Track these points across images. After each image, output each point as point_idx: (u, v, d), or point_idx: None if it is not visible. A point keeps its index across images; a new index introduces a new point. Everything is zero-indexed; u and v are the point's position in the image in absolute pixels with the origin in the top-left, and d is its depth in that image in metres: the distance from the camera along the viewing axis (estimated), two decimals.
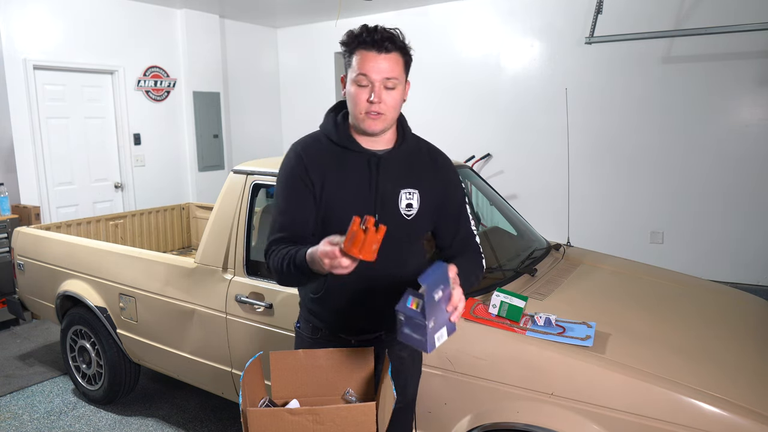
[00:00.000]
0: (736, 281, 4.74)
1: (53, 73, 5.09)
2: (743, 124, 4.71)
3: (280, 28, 7.27)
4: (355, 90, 1.46)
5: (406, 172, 1.56)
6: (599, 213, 5.37)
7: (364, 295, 1.55)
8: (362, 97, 1.45)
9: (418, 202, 1.55)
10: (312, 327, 1.65)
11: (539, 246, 2.67)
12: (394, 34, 1.45)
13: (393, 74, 1.44)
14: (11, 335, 4.31)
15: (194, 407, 3.16)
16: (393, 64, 1.44)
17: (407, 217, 1.54)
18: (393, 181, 1.54)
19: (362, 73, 1.43)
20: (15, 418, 3.08)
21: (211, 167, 6.48)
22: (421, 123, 6.32)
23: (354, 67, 1.46)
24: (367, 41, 1.43)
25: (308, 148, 1.57)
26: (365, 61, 1.43)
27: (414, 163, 1.59)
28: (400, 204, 1.54)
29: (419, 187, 1.56)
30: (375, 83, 1.43)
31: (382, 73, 1.43)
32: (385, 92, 1.45)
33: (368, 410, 1.39)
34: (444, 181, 1.63)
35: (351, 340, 1.63)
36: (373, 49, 1.43)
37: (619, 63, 5.11)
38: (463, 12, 5.88)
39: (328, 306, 1.59)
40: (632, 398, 1.59)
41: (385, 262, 1.43)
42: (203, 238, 2.57)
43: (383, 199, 1.52)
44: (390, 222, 1.44)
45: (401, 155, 1.57)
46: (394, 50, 1.44)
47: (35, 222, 4.61)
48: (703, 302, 2.27)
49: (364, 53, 1.44)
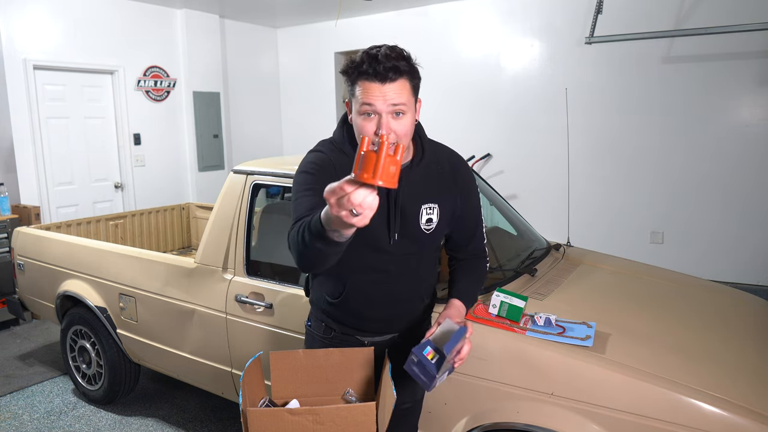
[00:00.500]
0: (736, 281, 4.74)
1: (53, 73, 5.09)
2: (743, 124, 4.71)
3: (280, 28, 7.27)
4: (361, 122, 1.35)
5: (425, 186, 1.51)
6: (599, 213, 5.37)
7: (382, 302, 1.56)
8: (369, 129, 1.34)
9: (437, 216, 1.52)
10: (325, 327, 1.64)
11: (539, 246, 2.67)
12: (397, 62, 1.33)
13: (400, 100, 1.34)
14: (11, 335, 4.31)
15: (194, 407, 3.16)
16: (399, 90, 1.34)
17: (427, 231, 1.52)
18: (413, 196, 1.49)
19: (366, 102, 1.33)
20: (15, 418, 3.08)
21: (211, 167, 6.48)
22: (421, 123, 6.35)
23: (358, 97, 1.35)
24: (369, 72, 1.32)
25: (330, 155, 1.48)
26: (369, 92, 1.33)
27: (433, 176, 1.53)
28: (420, 220, 1.50)
29: (439, 201, 1.52)
30: (381, 113, 1.33)
31: (388, 101, 1.33)
32: (394, 121, 1.34)
33: (368, 410, 1.39)
34: (464, 191, 1.59)
35: (365, 341, 1.63)
36: (377, 80, 1.32)
37: (619, 63, 5.11)
38: (463, 12, 5.88)
39: (345, 310, 1.59)
40: (632, 398, 1.59)
41: (403, 272, 1.52)
42: (203, 238, 2.57)
43: (403, 216, 1.48)
44: (409, 237, 1.48)
45: (421, 169, 1.51)
46: (400, 77, 1.34)
47: (35, 222, 4.61)
48: (703, 302, 2.27)
49: (366, 84, 1.33)
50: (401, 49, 1.38)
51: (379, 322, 1.61)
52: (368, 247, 1.47)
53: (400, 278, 1.55)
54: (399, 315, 1.61)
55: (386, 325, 1.62)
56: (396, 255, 1.50)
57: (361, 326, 1.61)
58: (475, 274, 1.66)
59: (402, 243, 1.49)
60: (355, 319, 1.60)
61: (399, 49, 1.38)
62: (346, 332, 1.62)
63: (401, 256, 1.51)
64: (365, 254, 1.48)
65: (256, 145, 7.03)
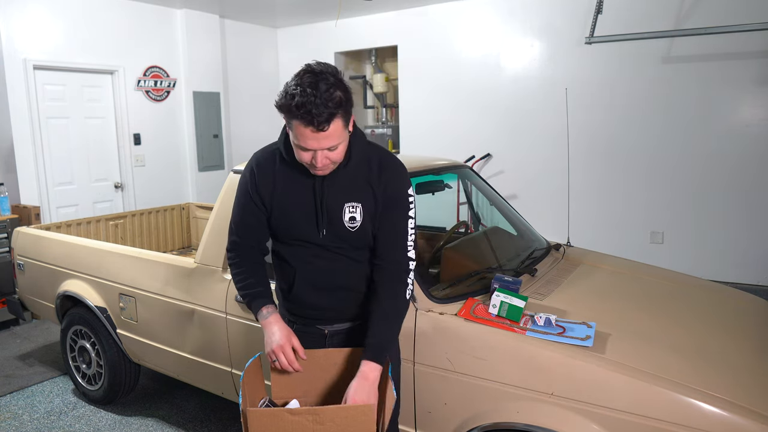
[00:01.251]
0: (736, 281, 4.74)
1: (53, 73, 5.09)
2: (743, 124, 4.71)
3: (280, 28, 7.27)
4: (299, 152, 1.47)
5: (350, 186, 1.60)
6: (599, 213, 5.37)
7: (326, 290, 1.67)
8: (305, 158, 1.47)
9: (361, 215, 1.60)
10: (288, 319, 1.73)
11: (539, 246, 2.67)
12: (333, 110, 1.36)
13: (334, 143, 1.43)
14: (11, 335, 4.32)
15: (194, 407, 3.16)
16: (333, 133, 1.40)
17: (351, 229, 1.60)
18: (337, 195, 1.59)
19: (301, 145, 1.44)
20: (15, 418, 3.08)
21: (211, 167, 6.48)
22: (421, 123, 6.36)
23: (294, 133, 1.43)
24: (305, 119, 1.37)
25: (262, 164, 1.64)
26: (304, 137, 1.41)
27: (359, 176, 1.60)
28: (344, 218, 1.59)
29: (362, 200, 1.60)
30: (317, 152, 1.44)
31: (323, 145, 1.42)
32: (329, 153, 1.46)
33: (368, 410, 1.39)
34: (387, 191, 1.60)
35: (325, 330, 1.72)
36: (310, 127, 1.38)
37: (619, 63, 5.11)
38: (463, 12, 5.88)
39: (298, 301, 1.70)
40: (632, 398, 1.59)
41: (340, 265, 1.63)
42: (203, 238, 2.57)
43: (330, 215, 1.59)
44: (336, 235, 1.60)
45: (348, 171, 1.59)
46: (334, 120, 1.39)
47: (35, 222, 4.61)
48: (703, 302, 2.27)
49: (301, 128, 1.39)
50: (335, 81, 1.39)
51: (329, 311, 1.69)
52: (306, 242, 1.63)
53: (339, 269, 1.65)
54: (346, 304, 1.69)
55: (337, 313, 1.70)
56: (330, 248, 1.62)
57: (315, 315, 1.70)
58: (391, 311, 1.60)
59: (332, 238, 1.61)
60: (308, 308, 1.70)
61: (333, 86, 1.38)
62: (306, 323, 1.73)
63: (335, 249, 1.63)
64: (306, 248, 1.64)
65: (256, 145, 6.97)
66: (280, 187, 1.61)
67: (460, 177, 2.93)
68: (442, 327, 1.90)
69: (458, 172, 2.81)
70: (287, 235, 1.64)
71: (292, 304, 1.72)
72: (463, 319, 1.90)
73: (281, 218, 1.63)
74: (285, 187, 1.61)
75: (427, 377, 1.90)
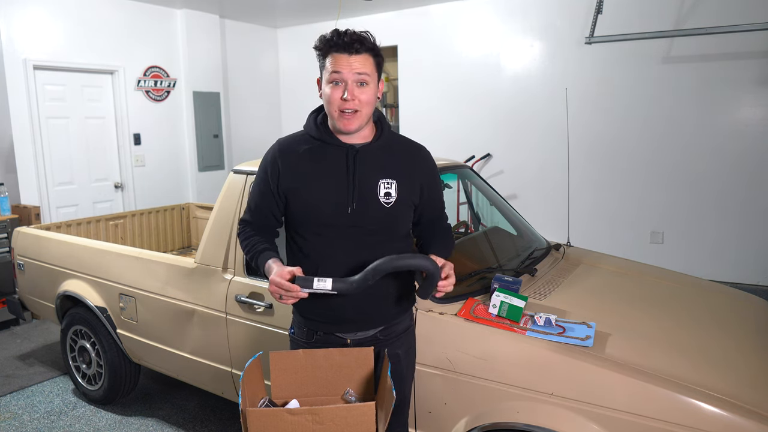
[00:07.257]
0: (736, 281, 4.74)
1: (53, 73, 5.09)
2: (743, 124, 4.71)
3: (280, 28, 7.27)
4: (330, 89, 1.54)
5: (383, 163, 1.62)
6: (599, 213, 5.37)
7: None
8: (336, 96, 1.53)
9: (396, 192, 1.61)
10: (307, 331, 1.67)
11: (539, 246, 2.67)
12: (363, 36, 1.54)
13: (364, 70, 1.53)
14: (11, 335, 4.32)
15: (194, 407, 3.16)
16: (364, 62, 1.53)
17: (386, 205, 1.59)
18: (371, 171, 1.60)
19: (335, 71, 1.52)
20: (15, 418, 3.08)
21: (211, 167, 6.48)
22: (421, 123, 6.35)
23: (327, 68, 1.54)
24: (339, 44, 1.52)
25: (286, 150, 1.65)
26: (337, 62, 1.52)
27: (392, 155, 1.65)
28: (379, 193, 1.59)
29: (397, 178, 1.62)
30: (348, 81, 1.52)
31: (354, 70, 1.51)
32: (358, 89, 1.53)
33: (368, 410, 1.39)
34: (422, 172, 1.69)
35: (347, 339, 1.65)
36: (345, 51, 1.52)
37: (619, 63, 5.11)
38: (463, 12, 5.88)
39: (322, 304, 1.60)
40: (632, 398, 1.59)
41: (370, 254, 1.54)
42: (203, 238, 2.57)
43: (361, 189, 1.58)
44: (370, 210, 1.56)
45: (379, 148, 1.63)
46: (364, 51, 1.53)
47: (35, 222, 4.61)
48: (703, 302, 2.27)
49: (336, 55, 1.53)
50: (368, 32, 1.59)
51: (354, 315, 1.62)
52: (331, 225, 1.58)
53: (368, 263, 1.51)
54: (374, 306, 1.62)
55: (363, 318, 1.63)
56: (359, 234, 1.58)
57: (339, 320, 1.63)
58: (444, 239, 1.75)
59: (361, 216, 1.57)
60: (331, 311, 1.62)
61: (366, 32, 1.59)
62: (327, 331, 1.65)
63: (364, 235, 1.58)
64: (329, 237, 1.59)
65: (256, 145, 7.03)
66: (305, 164, 1.60)
67: (460, 177, 2.93)
68: (442, 327, 1.90)
69: (458, 172, 2.81)
70: (308, 217, 1.59)
71: (312, 307, 1.62)
72: (463, 319, 1.90)
73: (306, 195, 1.58)
74: (312, 162, 1.60)
75: (427, 377, 1.90)
